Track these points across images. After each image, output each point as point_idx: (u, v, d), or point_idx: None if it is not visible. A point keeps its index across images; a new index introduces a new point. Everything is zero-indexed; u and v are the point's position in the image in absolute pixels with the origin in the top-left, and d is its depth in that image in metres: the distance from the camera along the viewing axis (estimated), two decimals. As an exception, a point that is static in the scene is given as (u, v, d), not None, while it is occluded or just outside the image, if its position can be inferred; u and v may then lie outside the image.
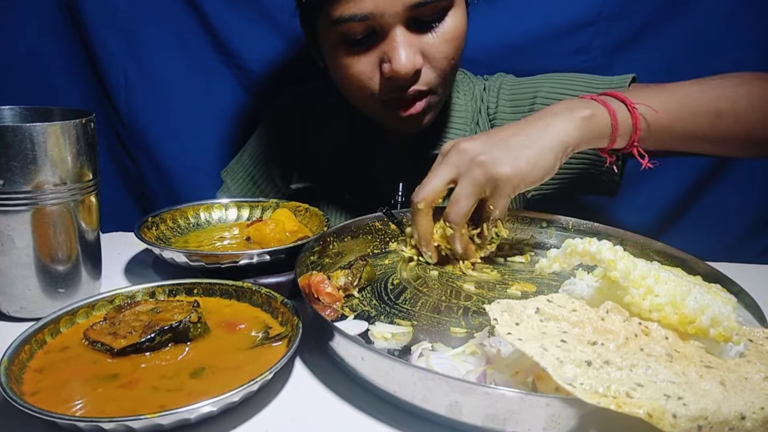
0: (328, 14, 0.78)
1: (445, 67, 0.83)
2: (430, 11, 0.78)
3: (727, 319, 0.48)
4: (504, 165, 0.67)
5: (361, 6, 0.76)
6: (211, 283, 0.64)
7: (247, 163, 1.13)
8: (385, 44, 0.79)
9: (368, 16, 0.76)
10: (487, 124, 1.00)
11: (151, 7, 1.24)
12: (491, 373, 0.49)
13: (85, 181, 0.64)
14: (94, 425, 0.43)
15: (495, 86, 1.01)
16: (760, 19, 1.19)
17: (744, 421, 0.41)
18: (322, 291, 0.63)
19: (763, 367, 0.47)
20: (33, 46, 1.26)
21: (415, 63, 0.79)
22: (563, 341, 0.45)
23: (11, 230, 0.60)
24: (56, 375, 0.50)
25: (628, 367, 0.43)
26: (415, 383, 0.46)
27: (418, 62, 0.79)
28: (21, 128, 0.58)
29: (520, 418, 0.43)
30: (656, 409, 0.39)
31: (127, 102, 1.28)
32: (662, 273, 0.52)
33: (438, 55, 0.81)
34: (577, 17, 1.18)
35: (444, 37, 0.81)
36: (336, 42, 0.82)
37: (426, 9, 0.77)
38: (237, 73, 1.28)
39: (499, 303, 0.50)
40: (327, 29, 0.81)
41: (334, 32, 0.80)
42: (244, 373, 0.50)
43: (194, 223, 0.87)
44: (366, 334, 0.59)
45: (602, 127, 0.72)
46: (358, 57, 0.81)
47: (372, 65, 0.81)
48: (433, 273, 0.73)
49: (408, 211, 0.83)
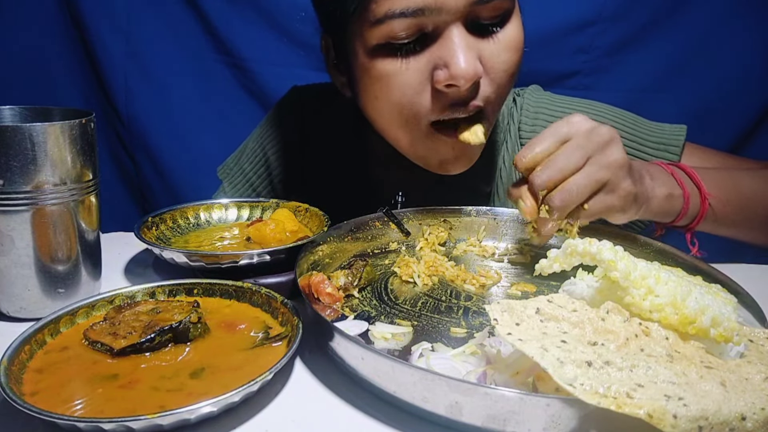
0: (370, 12, 0.66)
1: (503, 81, 0.72)
2: (491, 12, 0.67)
3: (727, 320, 0.48)
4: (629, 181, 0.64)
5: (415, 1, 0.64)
6: (211, 283, 0.64)
7: (246, 167, 1.06)
8: (439, 47, 0.67)
9: (423, 9, 0.64)
10: (517, 146, 0.92)
11: (151, 8, 1.24)
12: (491, 373, 0.49)
13: (85, 181, 0.64)
14: (93, 425, 0.43)
15: (531, 105, 0.92)
16: (760, 19, 1.19)
17: (744, 421, 0.41)
18: (322, 291, 0.63)
19: (763, 367, 0.47)
20: (33, 46, 1.27)
21: (477, 68, 0.67)
22: (563, 342, 0.45)
23: (11, 230, 0.60)
24: (56, 375, 0.50)
25: (628, 367, 0.43)
26: (415, 383, 0.46)
27: (479, 69, 0.67)
28: (21, 128, 0.58)
29: (521, 418, 0.43)
30: (657, 409, 0.39)
31: (127, 102, 1.28)
32: (662, 273, 0.52)
33: (498, 66, 0.70)
34: (577, 17, 1.18)
35: (505, 45, 0.70)
36: (375, 49, 0.69)
37: (487, 8, 0.67)
38: (237, 74, 1.28)
39: (500, 303, 0.50)
40: (365, 35, 0.69)
41: (375, 35, 0.67)
42: (244, 374, 0.50)
43: (194, 223, 0.87)
44: (366, 334, 0.59)
45: (675, 207, 0.73)
46: (404, 64, 0.68)
47: (421, 74, 0.69)
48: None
49: (408, 211, 0.83)
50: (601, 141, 0.63)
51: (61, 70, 1.28)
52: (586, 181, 0.62)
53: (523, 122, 0.92)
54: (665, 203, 0.71)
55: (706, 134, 1.11)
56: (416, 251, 0.79)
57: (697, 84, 1.25)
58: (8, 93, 1.26)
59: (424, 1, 0.64)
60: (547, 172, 0.62)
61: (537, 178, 0.63)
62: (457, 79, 0.66)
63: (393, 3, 0.65)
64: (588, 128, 0.63)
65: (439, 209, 0.84)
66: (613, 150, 0.63)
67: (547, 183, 0.62)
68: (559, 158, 0.63)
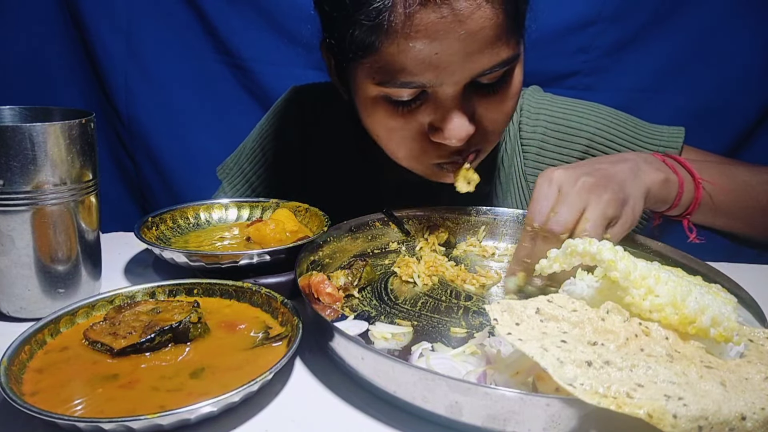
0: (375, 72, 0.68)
1: (501, 124, 0.76)
2: (494, 77, 0.70)
3: (727, 320, 0.48)
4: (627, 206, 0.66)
5: (419, 78, 0.66)
6: (211, 283, 0.64)
7: (246, 167, 1.06)
8: (437, 111, 0.70)
9: (425, 84, 0.67)
10: (518, 148, 0.93)
11: (151, 8, 1.24)
12: (491, 373, 0.49)
13: (85, 181, 0.64)
14: (93, 425, 0.43)
15: (532, 107, 0.94)
16: (760, 19, 1.19)
17: (744, 421, 0.41)
18: (322, 291, 0.63)
19: (763, 367, 0.47)
20: (33, 46, 1.27)
21: (468, 131, 0.70)
22: (563, 341, 0.45)
23: (11, 230, 0.60)
24: (56, 375, 0.50)
25: (628, 367, 0.43)
26: (415, 383, 0.46)
27: (470, 130, 0.71)
28: (21, 128, 0.58)
29: (520, 418, 0.43)
30: (656, 409, 0.39)
31: (127, 102, 1.29)
32: (662, 273, 0.52)
33: (494, 116, 0.74)
34: (577, 17, 1.18)
35: (502, 98, 0.73)
36: (376, 98, 0.72)
37: (491, 75, 0.69)
38: (237, 74, 1.28)
39: (499, 303, 0.50)
40: (367, 84, 0.70)
41: (376, 90, 0.70)
42: (244, 374, 0.50)
43: (194, 223, 0.87)
44: (366, 334, 0.59)
45: (671, 193, 0.73)
46: (403, 119, 0.72)
47: (418, 128, 0.73)
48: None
49: (409, 212, 0.83)
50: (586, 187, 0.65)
51: (61, 70, 1.28)
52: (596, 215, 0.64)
53: (524, 123, 0.93)
54: (662, 188, 0.72)
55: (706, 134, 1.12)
56: (416, 251, 0.79)
57: (696, 84, 1.25)
58: (8, 93, 1.26)
59: (427, 79, 0.67)
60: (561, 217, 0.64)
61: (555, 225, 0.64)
62: (450, 140, 0.71)
63: (397, 76, 0.67)
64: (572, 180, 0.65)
65: (439, 209, 0.84)
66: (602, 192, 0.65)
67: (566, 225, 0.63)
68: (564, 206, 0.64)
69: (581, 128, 0.91)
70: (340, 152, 1.01)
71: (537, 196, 0.66)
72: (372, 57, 0.67)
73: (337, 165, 1.02)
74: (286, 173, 1.04)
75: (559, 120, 0.93)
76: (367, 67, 0.69)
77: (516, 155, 0.93)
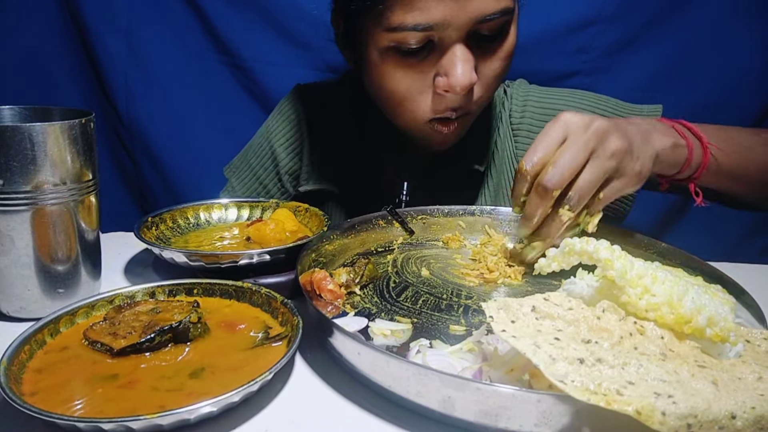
0: (385, 19, 0.73)
1: (493, 85, 0.81)
2: (492, 26, 0.75)
3: (723, 320, 0.48)
4: (636, 162, 0.67)
5: (427, 15, 0.71)
6: (211, 283, 0.64)
7: (253, 162, 1.09)
8: (442, 57, 0.76)
9: (432, 26, 0.72)
10: (509, 133, 0.98)
11: (151, 8, 1.24)
12: (487, 370, 0.49)
13: (85, 181, 0.64)
14: (93, 425, 0.43)
15: (519, 95, 0.99)
16: (760, 19, 1.19)
17: (734, 420, 0.40)
18: (324, 288, 0.64)
19: (757, 367, 0.47)
20: (33, 46, 1.27)
21: (471, 79, 0.75)
22: (557, 339, 0.46)
23: (11, 230, 0.60)
24: (56, 375, 0.50)
25: (620, 365, 0.44)
26: (409, 378, 0.46)
27: (474, 79, 0.76)
28: (21, 128, 0.58)
29: (512, 414, 0.43)
30: (645, 406, 0.40)
31: (127, 102, 1.28)
32: (660, 273, 0.52)
33: (491, 74, 0.79)
34: (577, 17, 1.18)
35: (500, 54, 0.78)
36: (386, 49, 0.77)
37: (489, 24, 0.74)
38: (237, 73, 1.28)
39: (496, 301, 0.50)
40: (378, 34, 0.76)
41: (387, 38, 0.75)
42: (244, 374, 0.50)
43: (194, 223, 0.87)
44: (366, 330, 0.59)
45: (680, 158, 0.75)
46: (410, 69, 0.77)
47: (424, 79, 0.78)
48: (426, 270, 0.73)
49: (412, 210, 0.83)
50: (599, 133, 0.65)
51: (61, 70, 1.28)
52: (595, 175, 0.65)
53: (513, 110, 0.99)
54: (671, 153, 0.73)
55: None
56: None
57: (697, 84, 1.25)
58: (8, 93, 1.26)
59: (434, 18, 0.71)
60: (557, 173, 0.64)
61: (548, 182, 0.64)
62: (454, 88, 0.75)
63: (406, 17, 0.72)
64: (582, 124, 0.66)
65: (442, 208, 0.85)
66: (612, 139, 0.66)
67: (559, 183, 0.64)
68: (564, 158, 0.64)
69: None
70: (342, 149, 1.04)
71: (539, 139, 0.67)
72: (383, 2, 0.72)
73: (338, 162, 1.04)
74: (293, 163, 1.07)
75: (546, 105, 0.98)
76: (378, 14, 0.74)
77: (508, 139, 0.98)
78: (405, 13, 0.72)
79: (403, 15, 0.72)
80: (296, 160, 1.07)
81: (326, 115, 1.05)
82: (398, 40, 0.74)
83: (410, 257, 0.77)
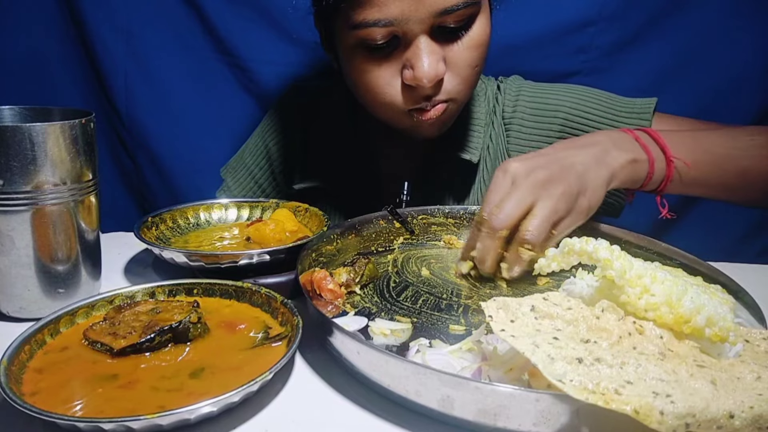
0: (349, 17, 0.75)
1: (468, 75, 0.81)
2: (456, 18, 0.76)
3: (723, 320, 0.48)
4: (582, 198, 0.68)
5: (385, 11, 0.73)
6: (211, 283, 0.64)
7: (249, 161, 1.11)
8: (408, 52, 0.77)
9: (392, 21, 0.74)
10: (501, 127, 0.99)
11: (151, 7, 1.24)
12: (486, 369, 0.49)
13: (85, 181, 0.64)
14: (93, 425, 0.43)
15: (512, 90, 1.00)
16: (760, 20, 1.18)
17: (732, 419, 0.40)
18: (324, 287, 0.64)
19: (756, 367, 0.47)
20: (33, 46, 1.26)
21: (438, 71, 0.77)
22: (555, 338, 0.46)
23: (11, 230, 0.60)
24: (56, 375, 0.50)
25: (618, 364, 0.44)
26: (409, 377, 0.46)
27: (440, 70, 0.77)
28: (21, 128, 0.58)
29: (511, 413, 0.43)
30: (643, 406, 0.40)
31: (127, 102, 1.28)
32: (659, 273, 0.52)
33: (461, 63, 0.79)
34: (577, 17, 1.18)
35: (468, 44, 0.79)
36: (354, 46, 0.79)
37: (452, 16, 0.75)
38: (237, 73, 1.28)
39: (495, 300, 0.50)
40: (346, 32, 0.78)
41: (354, 36, 0.77)
42: (244, 373, 0.50)
43: (194, 223, 0.87)
44: (365, 330, 0.59)
45: (640, 173, 0.74)
46: (378, 63, 0.79)
47: (392, 73, 0.79)
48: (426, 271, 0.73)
49: (413, 210, 0.84)
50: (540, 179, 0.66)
51: (61, 70, 1.28)
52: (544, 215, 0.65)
53: (506, 105, 0.99)
54: (630, 169, 0.73)
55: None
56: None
57: (697, 84, 1.25)
58: (8, 93, 1.26)
59: (393, 13, 0.73)
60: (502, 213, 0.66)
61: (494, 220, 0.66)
62: (420, 80, 0.76)
63: (367, 14, 0.74)
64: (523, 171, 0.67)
65: (442, 208, 0.85)
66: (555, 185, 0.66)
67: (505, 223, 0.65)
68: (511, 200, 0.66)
69: (557, 106, 0.96)
70: (337, 147, 1.04)
71: (490, 187, 0.69)
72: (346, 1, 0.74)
73: (336, 160, 1.05)
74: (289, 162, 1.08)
75: (537, 100, 0.98)
76: (343, 13, 0.76)
77: (501, 133, 0.99)
78: (365, 11, 0.74)
79: (364, 12, 0.74)
80: (291, 158, 1.08)
81: (321, 113, 1.06)
82: (363, 36, 0.76)
83: (410, 257, 0.77)
